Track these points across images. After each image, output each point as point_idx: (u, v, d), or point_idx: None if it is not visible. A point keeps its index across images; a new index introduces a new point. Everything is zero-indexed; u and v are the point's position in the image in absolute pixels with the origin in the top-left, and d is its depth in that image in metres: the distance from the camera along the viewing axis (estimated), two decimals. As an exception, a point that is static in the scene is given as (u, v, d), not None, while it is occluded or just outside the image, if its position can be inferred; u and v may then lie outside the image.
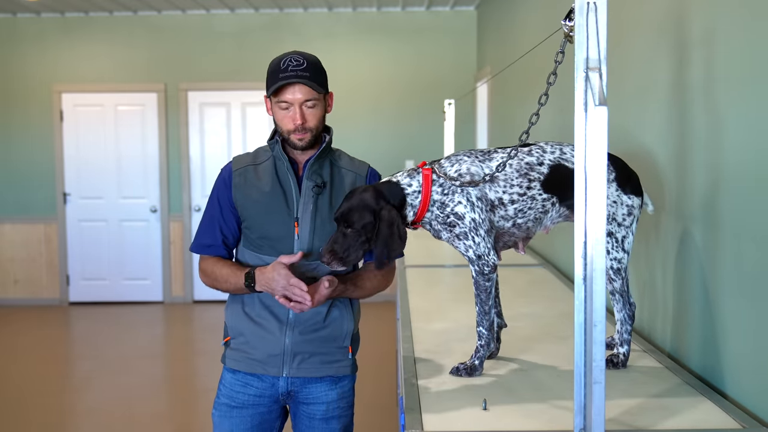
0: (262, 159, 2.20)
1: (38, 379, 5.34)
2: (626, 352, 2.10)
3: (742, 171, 1.87)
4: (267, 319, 2.16)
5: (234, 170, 2.19)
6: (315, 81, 2.08)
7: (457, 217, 1.99)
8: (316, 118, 2.12)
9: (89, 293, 7.75)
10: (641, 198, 2.06)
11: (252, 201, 2.14)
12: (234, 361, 2.21)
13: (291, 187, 2.14)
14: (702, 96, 2.08)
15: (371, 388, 5.00)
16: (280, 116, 2.11)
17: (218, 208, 2.19)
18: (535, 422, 1.72)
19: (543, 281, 3.52)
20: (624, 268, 2.04)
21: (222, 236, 2.19)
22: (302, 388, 2.19)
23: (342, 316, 2.19)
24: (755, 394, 1.82)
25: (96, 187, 7.70)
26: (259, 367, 2.17)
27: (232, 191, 2.17)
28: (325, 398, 2.21)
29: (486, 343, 2.05)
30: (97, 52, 7.65)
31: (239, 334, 2.20)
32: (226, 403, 2.22)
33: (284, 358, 2.16)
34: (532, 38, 4.49)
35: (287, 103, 2.08)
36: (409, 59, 7.63)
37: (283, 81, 2.05)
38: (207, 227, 2.21)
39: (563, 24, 1.65)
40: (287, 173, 2.15)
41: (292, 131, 2.10)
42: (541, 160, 2.02)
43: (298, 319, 2.14)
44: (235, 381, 2.21)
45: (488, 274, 2.02)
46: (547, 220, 2.09)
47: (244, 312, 2.18)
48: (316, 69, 2.11)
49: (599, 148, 1.46)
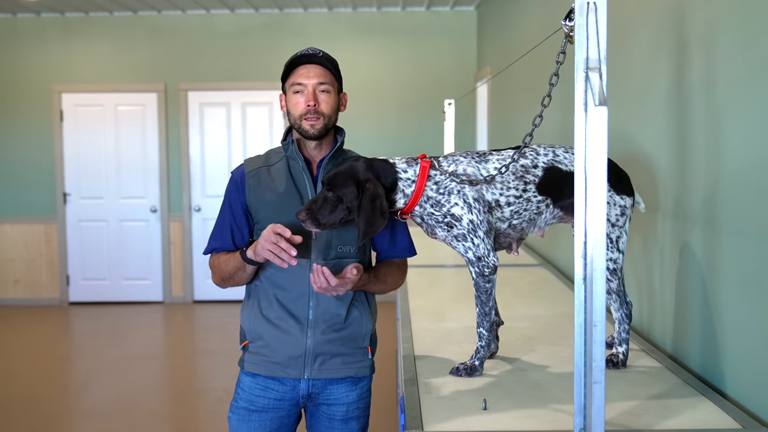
0: (275, 160, 2.17)
1: (38, 379, 5.34)
2: (625, 351, 2.10)
3: (742, 171, 1.87)
4: (286, 320, 2.12)
5: (247, 172, 2.16)
6: (330, 67, 2.10)
7: (455, 219, 1.99)
8: (330, 106, 2.10)
9: (89, 293, 7.75)
10: (633, 197, 2.07)
11: (267, 202, 2.12)
12: (253, 364, 2.17)
13: (306, 187, 2.12)
14: (702, 96, 2.08)
15: (371, 388, 5.00)
16: (294, 101, 2.10)
17: (230, 212, 2.17)
18: (535, 422, 1.72)
19: (543, 281, 3.52)
20: (620, 268, 2.05)
21: (232, 239, 2.17)
22: (323, 390, 2.17)
23: (362, 315, 2.18)
24: (755, 394, 1.82)
25: (96, 187, 7.70)
26: (279, 370, 2.14)
27: (246, 194, 2.14)
28: (345, 399, 2.19)
29: (486, 344, 2.05)
30: (97, 52, 7.65)
31: (258, 338, 2.16)
32: (245, 407, 2.18)
33: (306, 360, 2.13)
34: (532, 38, 4.49)
35: (301, 85, 2.07)
36: (409, 59, 7.63)
37: (298, 62, 2.08)
38: (219, 231, 2.19)
39: (563, 24, 1.65)
40: (302, 173, 2.13)
41: (304, 115, 2.07)
42: (536, 163, 2.03)
43: (319, 319, 2.12)
44: (255, 385, 2.17)
45: (488, 276, 2.02)
46: (541, 222, 2.09)
47: (262, 315, 2.15)
48: (332, 61, 2.14)
49: (599, 149, 1.46)
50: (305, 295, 2.11)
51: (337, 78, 2.13)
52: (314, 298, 2.11)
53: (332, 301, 2.12)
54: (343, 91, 2.18)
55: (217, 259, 2.19)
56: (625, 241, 2.05)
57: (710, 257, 2.05)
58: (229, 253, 2.16)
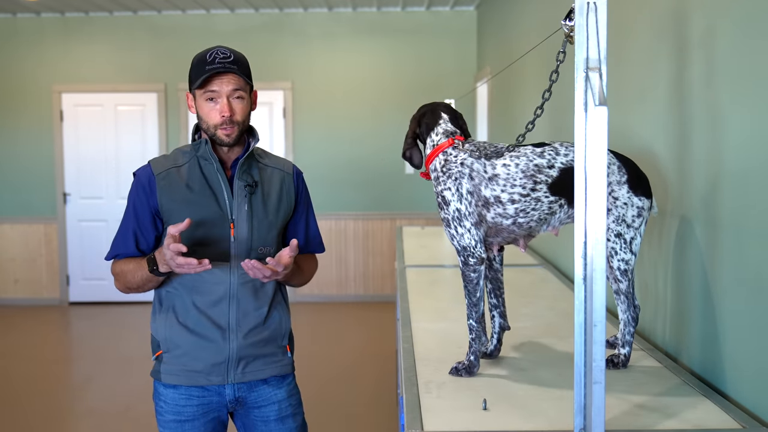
0: (183, 161, 2.09)
1: (38, 379, 5.34)
2: (627, 353, 2.10)
3: (743, 170, 1.87)
4: (207, 327, 2.07)
5: (156, 174, 2.06)
6: (243, 73, 2.04)
7: (444, 202, 2.06)
8: (243, 112, 2.06)
9: (89, 293, 7.75)
10: (651, 200, 2.06)
11: (181, 205, 2.04)
12: (171, 375, 2.10)
13: (222, 188, 2.06)
14: (702, 95, 2.08)
15: (371, 388, 5.00)
16: (207, 110, 2.03)
17: (134, 217, 2.08)
18: (535, 422, 1.72)
19: (543, 281, 3.52)
20: (631, 270, 2.04)
21: (136, 245, 2.08)
22: (250, 393, 2.15)
23: (281, 315, 2.18)
24: (755, 394, 1.82)
25: (96, 187, 7.70)
26: (202, 378, 2.09)
27: (158, 196, 2.04)
28: (275, 398, 2.18)
29: (477, 336, 2.06)
30: (97, 52, 7.65)
31: (175, 347, 2.09)
32: (174, 419, 2.11)
33: (229, 365, 2.09)
34: (532, 38, 4.49)
35: (215, 93, 2.01)
36: (409, 59, 7.63)
37: (211, 71, 1.98)
38: (122, 237, 2.10)
39: (563, 24, 1.65)
40: (216, 174, 2.06)
41: (219, 125, 2.02)
42: (552, 163, 2.02)
43: (241, 322, 2.09)
44: (178, 395, 2.11)
45: (473, 266, 2.04)
46: (555, 221, 2.09)
47: (179, 322, 2.09)
48: (243, 63, 2.07)
49: (599, 148, 1.46)
50: (225, 299, 2.08)
51: (248, 79, 2.06)
52: (235, 302, 2.08)
53: (252, 303, 2.10)
54: (253, 88, 2.11)
55: (119, 267, 2.10)
56: (639, 243, 2.04)
57: (710, 257, 2.05)
58: (133, 260, 2.07)
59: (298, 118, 7.62)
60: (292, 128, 7.62)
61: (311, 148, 7.62)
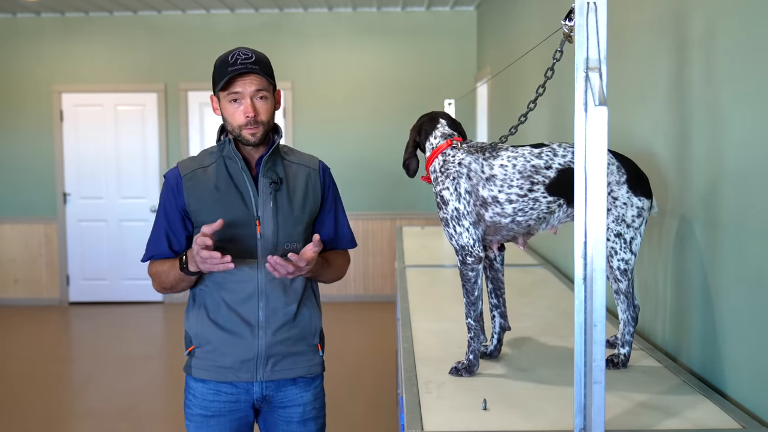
0: (209, 161, 2.13)
1: (38, 379, 5.34)
2: (627, 353, 2.10)
3: (743, 170, 1.87)
4: (236, 323, 2.10)
5: (183, 175, 2.11)
6: (265, 73, 2.05)
7: (443, 201, 2.07)
8: (268, 112, 2.07)
9: (89, 293, 7.75)
10: (651, 200, 2.06)
11: (207, 204, 2.07)
12: (202, 370, 2.14)
13: (247, 187, 2.09)
14: (702, 95, 2.08)
15: (371, 388, 5.00)
16: (231, 111, 2.05)
17: (165, 218, 2.12)
18: (535, 422, 1.72)
19: (543, 281, 3.52)
20: (630, 270, 2.05)
21: (169, 245, 2.12)
22: (277, 392, 2.16)
23: (311, 312, 2.18)
24: (755, 394, 1.82)
25: (96, 187, 7.70)
26: (231, 374, 2.12)
27: (185, 197, 2.09)
28: (300, 400, 2.18)
29: (476, 335, 2.06)
30: (97, 52, 7.65)
31: (206, 342, 2.13)
32: (201, 413, 2.15)
33: (258, 362, 2.11)
34: (532, 38, 4.49)
35: (238, 94, 2.03)
36: (409, 59, 7.63)
37: (233, 73, 2.00)
38: (155, 238, 2.14)
39: (563, 24, 1.65)
40: (241, 172, 2.09)
41: (244, 125, 2.04)
42: (550, 164, 2.02)
43: (270, 319, 2.10)
44: (207, 390, 2.15)
45: (471, 265, 2.04)
46: (554, 220, 2.09)
47: (209, 319, 2.12)
48: (265, 63, 2.08)
49: (599, 148, 1.46)
50: (254, 296, 2.09)
51: (271, 79, 2.07)
52: (264, 299, 2.10)
53: (281, 300, 2.11)
54: (276, 88, 2.13)
55: (155, 267, 2.14)
56: (639, 243, 2.04)
57: (710, 256, 2.05)
58: (168, 261, 2.11)
59: (298, 118, 7.62)
60: (292, 128, 7.62)
61: (311, 148, 7.58)
